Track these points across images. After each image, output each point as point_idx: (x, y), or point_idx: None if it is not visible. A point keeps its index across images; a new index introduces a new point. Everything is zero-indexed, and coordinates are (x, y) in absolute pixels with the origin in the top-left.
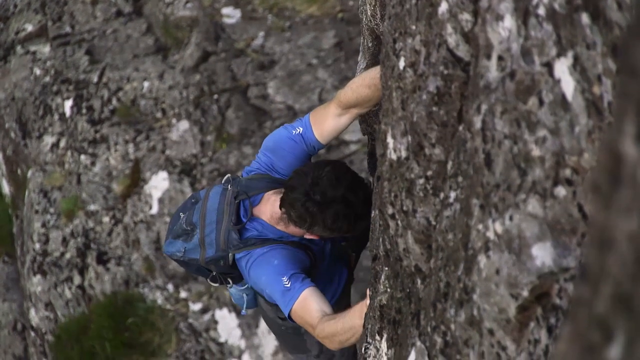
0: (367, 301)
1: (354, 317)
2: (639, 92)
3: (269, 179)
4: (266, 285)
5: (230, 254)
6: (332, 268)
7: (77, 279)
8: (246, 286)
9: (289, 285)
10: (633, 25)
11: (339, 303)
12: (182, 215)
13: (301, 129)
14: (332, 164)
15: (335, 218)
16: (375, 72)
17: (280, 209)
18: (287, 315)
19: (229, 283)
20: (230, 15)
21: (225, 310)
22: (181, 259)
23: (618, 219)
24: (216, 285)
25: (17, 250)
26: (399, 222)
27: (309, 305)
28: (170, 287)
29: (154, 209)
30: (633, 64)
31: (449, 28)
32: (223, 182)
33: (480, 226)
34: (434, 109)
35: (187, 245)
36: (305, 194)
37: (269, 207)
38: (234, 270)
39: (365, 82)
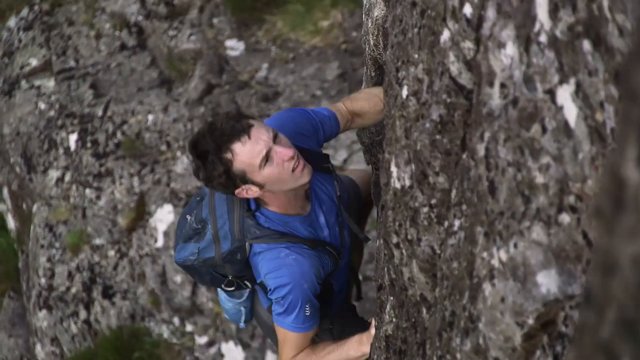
0: (370, 332)
1: (350, 349)
2: None
3: None
4: (289, 302)
5: (247, 244)
6: (346, 271)
7: (82, 314)
8: (243, 299)
9: (309, 313)
10: (633, 50)
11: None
12: (189, 217)
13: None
14: None
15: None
16: (380, 93)
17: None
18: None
19: (247, 286)
20: (234, 47)
21: (231, 344)
22: (195, 263)
23: (621, 242)
24: (231, 289)
25: (22, 286)
26: (404, 251)
27: (304, 342)
28: (176, 320)
29: (160, 242)
30: (634, 88)
31: (452, 56)
32: None
33: (484, 254)
34: (438, 137)
35: (201, 244)
36: (197, 169)
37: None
38: (249, 269)
39: (370, 105)
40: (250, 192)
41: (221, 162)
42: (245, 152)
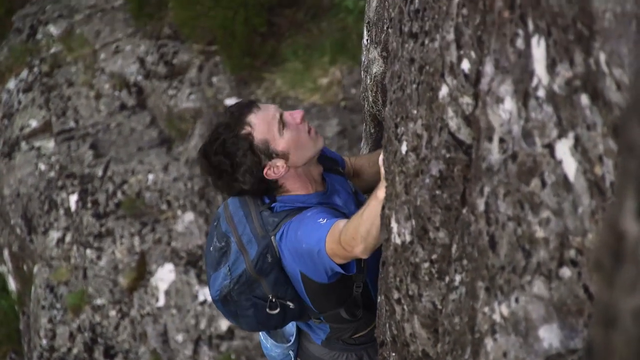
0: (380, 192)
1: (370, 205)
2: (638, 170)
3: None
4: (302, 236)
5: (272, 238)
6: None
7: None
8: (291, 342)
9: (324, 222)
10: (631, 104)
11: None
12: (212, 247)
13: None
14: None
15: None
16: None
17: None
18: (324, 250)
19: (290, 304)
20: None
21: None
22: (231, 287)
23: (622, 296)
24: (275, 312)
25: (24, 347)
26: (405, 306)
27: (339, 224)
28: None
29: (161, 302)
30: (632, 142)
31: (450, 112)
32: None
33: (486, 309)
34: (437, 192)
35: (230, 261)
36: (217, 168)
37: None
38: (286, 280)
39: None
40: (277, 169)
41: (242, 138)
42: (261, 120)
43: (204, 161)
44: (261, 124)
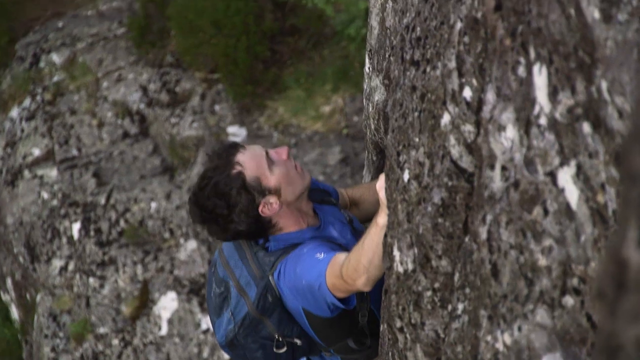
0: (380, 219)
1: (371, 233)
2: None
3: None
4: (301, 272)
5: (270, 278)
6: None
7: None
8: None
9: (322, 257)
10: (633, 132)
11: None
12: (212, 293)
13: None
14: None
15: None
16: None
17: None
18: (325, 285)
19: (298, 341)
20: (236, 133)
21: None
22: (237, 331)
23: (625, 325)
24: (283, 350)
25: None
26: (408, 335)
27: (339, 257)
28: None
29: (163, 330)
30: (634, 170)
31: (452, 139)
32: None
33: (489, 337)
34: (440, 220)
35: (232, 305)
36: (212, 212)
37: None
38: (289, 318)
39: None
40: (271, 206)
41: (234, 178)
42: (250, 158)
43: (196, 209)
44: (250, 162)
